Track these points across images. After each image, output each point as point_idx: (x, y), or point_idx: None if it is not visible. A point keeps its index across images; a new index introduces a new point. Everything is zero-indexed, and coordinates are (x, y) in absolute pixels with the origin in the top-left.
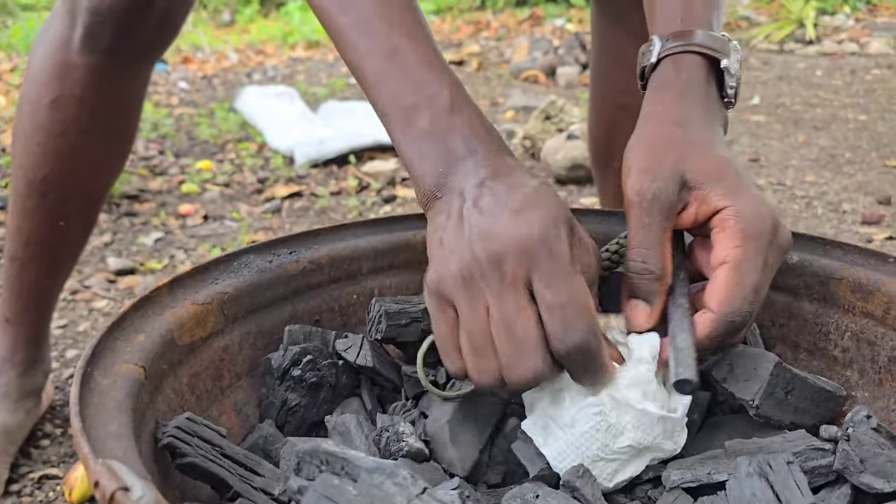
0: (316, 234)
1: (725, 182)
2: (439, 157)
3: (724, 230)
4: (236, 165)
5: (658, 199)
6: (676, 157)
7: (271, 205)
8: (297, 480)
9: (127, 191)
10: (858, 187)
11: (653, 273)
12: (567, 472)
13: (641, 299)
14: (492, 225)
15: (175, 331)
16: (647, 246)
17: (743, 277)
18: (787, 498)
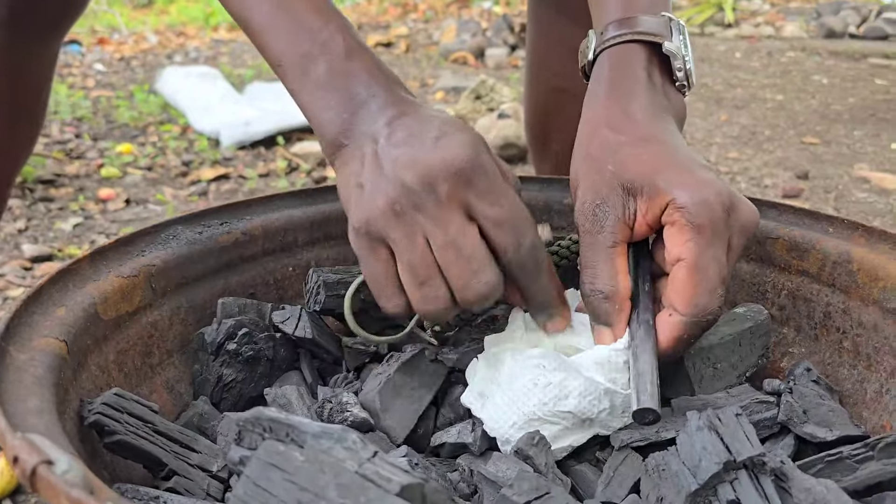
0: (248, 204)
1: (663, 175)
2: (341, 104)
3: (672, 225)
4: (159, 148)
5: (598, 217)
6: (614, 167)
7: (197, 188)
8: (238, 450)
9: (41, 175)
10: (778, 163)
11: (601, 293)
12: (521, 439)
13: (600, 322)
14: (415, 153)
15: (99, 304)
16: (593, 265)
17: (703, 272)
18: (738, 449)
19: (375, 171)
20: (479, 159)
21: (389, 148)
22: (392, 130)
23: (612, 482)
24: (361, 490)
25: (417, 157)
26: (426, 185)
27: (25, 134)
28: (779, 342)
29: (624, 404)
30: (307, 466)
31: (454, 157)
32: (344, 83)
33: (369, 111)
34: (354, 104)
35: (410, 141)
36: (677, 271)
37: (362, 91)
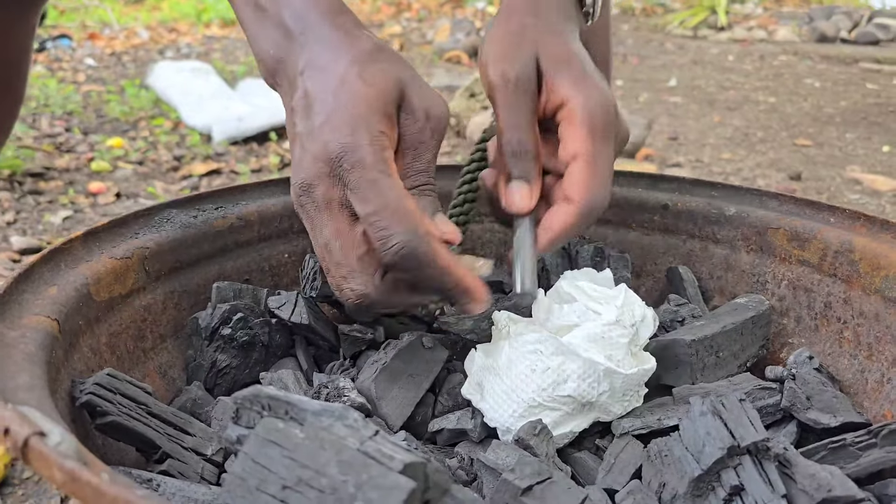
0: (243, 189)
1: (573, 71)
2: (270, 37)
3: (572, 123)
4: (150, 143)
5: (521, 81)
6: (531, 44)
7: (189, 182)
8: (236, 429)
9: (31, 168)
10: (771, 164)
11: (529, 151)
12: (522, 428)
13: (521, 178)
14: (299, 153)
15: (91, 285)
16: (519, 127)
17: (599, 168)
18: (742, 434)
19: (292, 157)
20: (350, 151)
21: (294, 122)
22: (300, 96)
23: (612, 469)
24: (363, 467)
25: (301, 158)
26: (304, 189)
27: (7, 107)
28: (779, 333)
29: (624, 386)
30: (307, 444)
31: (323, 155)
32: (271, 7)
33: (292, 50)
34: (281, 34)
35: (304, 124)
36: (574, 165)
37: (288, 17)
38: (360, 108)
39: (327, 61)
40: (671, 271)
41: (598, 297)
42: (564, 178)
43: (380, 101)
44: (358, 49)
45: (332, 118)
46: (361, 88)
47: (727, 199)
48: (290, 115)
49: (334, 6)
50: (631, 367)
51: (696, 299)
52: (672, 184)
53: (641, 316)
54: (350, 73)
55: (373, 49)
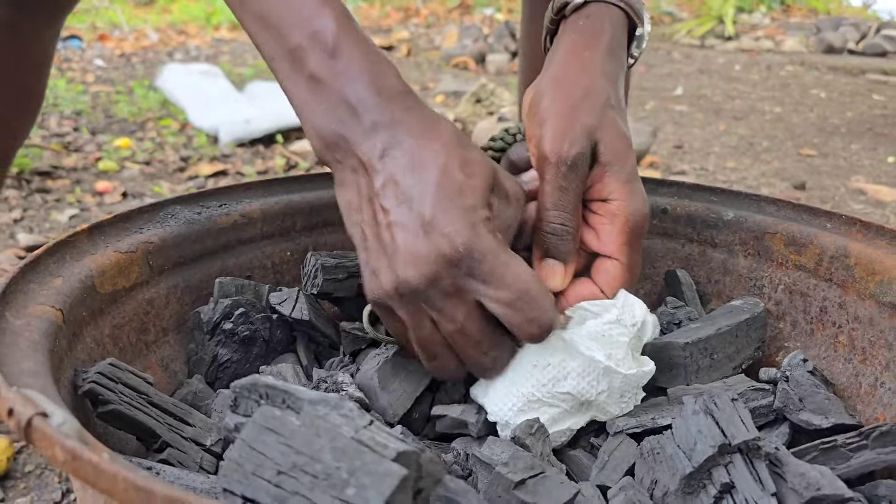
0: (247, 187)
1: (627, 169)
2: (329, 109)
3: (613, 224)
4: (157, 144)
5: (577, 166)
6: (592, 122)
7: (195, 183)
8: (234, 417)
9: (38, 167)
10: (775, 173)
11: (570, 234)
12: (518, 426)
13: (557, 259)
14: (412, 245)
15: (96, 277)
16: (565, 209)
17: (632, 272)
18: (733, 433)
19: (377, 246)
20: (475, 243)
21: (384, 214)
22: (385, 175)
23: (606, 466)
24: (357, 454)
25: (415, 252)
26: (428, 282)
27: (27, 111)
28: (774, 336)
29: (623, 387)
30: (303, 430)
31: (452, 247)
32: (333, 83)
33: (358, 124)
34: (343, 111)
35: (405, 220)
36: (610, 264)
37: (350, 94)
38: (470, 200)
39: (415, 148)
40: (669, 274)
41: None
42: (598, 269)
43: (483, 191)
44: (445, 135)
45: (444, 212)
46: (466, 181)
47: (726, 204)
48: (369, 195)
49: (402, 85)
50: (630, 367)
51: (694, 302)
52: (671, 188)
53: (642, 316)
54: (450, 165)
55: (455, 133)
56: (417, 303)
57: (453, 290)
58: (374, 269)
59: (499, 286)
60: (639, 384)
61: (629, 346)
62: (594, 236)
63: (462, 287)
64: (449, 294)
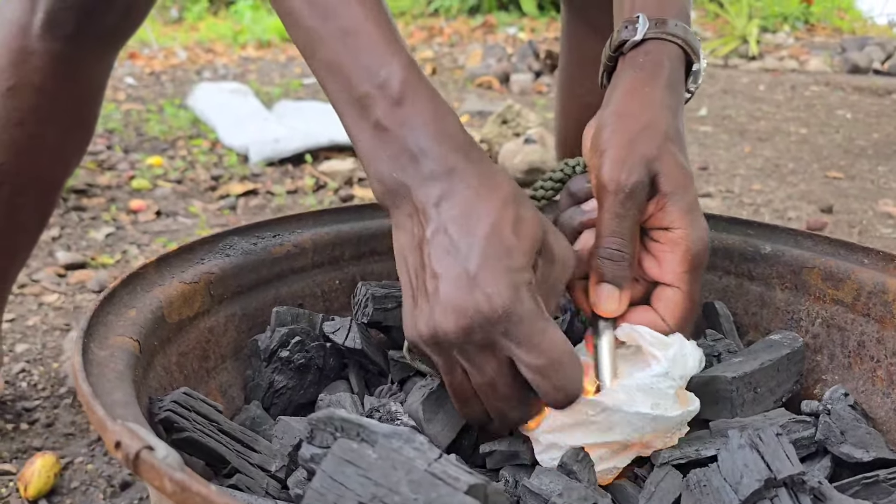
0: (299, 218)
1: (687, 199)
2: (392, 158)
3: (674, 252)
4: (188, 162)
5: (635, 194)
6: (652, 153)
7: (226, 202)
8: (310, 448)
9: (75, 185)
10: (802, 196)
11: (627, 259)
12: (566, 454)
13: (613, 283)
14: (453, 297)
15: (165, 308)
16: (622, 236)
17: (693, 302)
18: (778, 467)
19: (420, 292)
20: (516, 306)
21: (433, 255)
22: (437, 224)
23: (653, 497)
24: (432, 487)
25: (455, 303)
26: (462, 334)
27: (79, 141)
28: (812, 369)
29: (668, 426)
30: (380, 463)
31: (489, 309)
32: (397, 131)
33: (418, 172)
34: (405, 159)
35: (450, 269)
36: (673, 295)
37: (412, 143)
38: (516, 261)
39: (471, 199)
40: (707, 306)
41: (655, 342)
42: (658, 297)
43: (530, 253)
44: (503, 191)
45: (488, 269)
46: (514, 241)
47: (763, 238)
48: (419, 242)
49: (464, 136)
50: (676, 409)
51: (732, 334)
52: (709, 221)
53: (694, 369)
54: (502, 222)
55: (512, 189)
56: (451, 352)
57: (487, 344)
58: (415, 313)
59: (531, 350)
60: (684, 422)
61: (676, 394)
62: (655, 264)
63: (496, 343)
64: (482, 348)
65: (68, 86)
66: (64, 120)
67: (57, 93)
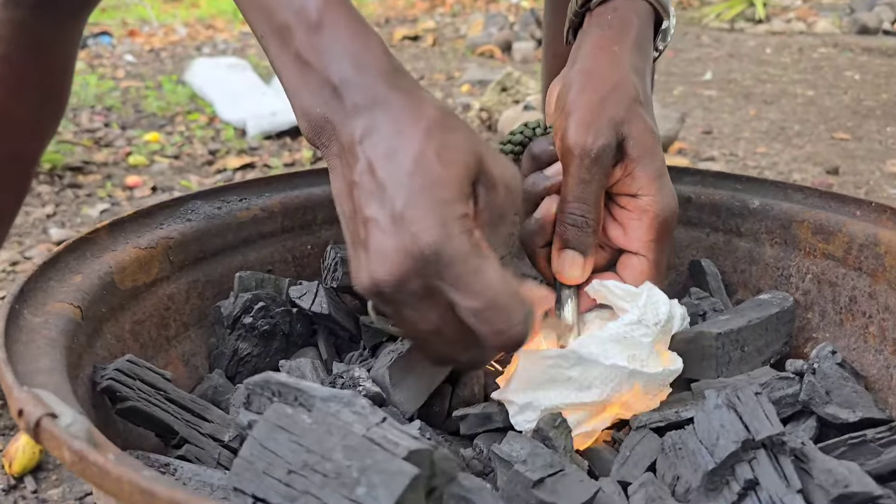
0: (268, 181)
1: (656, 164)
2: (313, 91)
3: (641, 220)
4: (186, 137)
5: (601, 159)
6: (620, 115)
7: (223, 176)
8: (248, 415)
9: (70, 162)
10: (807, 158)
11: (591, 226)
12: (542, 419)
13: (577, 250)
14: (380, 243)
15: (116, 274)
16: (586, 201)
17: (660, 270)
18: (757, 428)
19: (356, 240)
20: (444, 244)
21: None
22: (363, 163)
23: (627, 462)
24: (368, 452)
25: (382, 250)
26: (398, 283)
27: (52, 112)
28: (802, 327)
29: (649, 386)
30: (314, 428)
31: (419, 247)
32: (317, 62)
33: (341, 106)
34: (327, 92)
35: (377, 212)
36: (639, 264)
37: (334, 73)
38: (443, 193)
39: (393, 132)
40: (694, 264)
41: (624, 294)
42: (624, 265)
43: (461, 183)
44: (426, 118)
45: (414, 206)
46: (441, 171)
47: (751, 192)
48: (349, 186)
49: (389, 62)
50: (656, 366)
51: (719, 293)
52: (695, 177)
53: (666, 314)
54: (427, 152)
55: (441, 116)
56: (391, 299)
57: (425, 292)
58: (356, 264)
59: (465, 292)
60: (665, 382)
61: (653, 344)
62: (621, 232)
63: (433, 289)
64: (421, 297)
65: (35, 57)
66: (34, 92)
67: (24, 64)
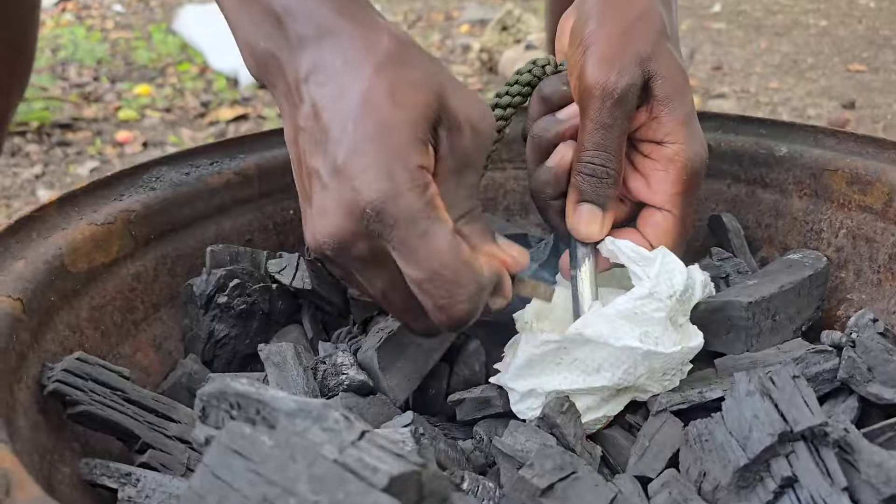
0: (241, 141)
1: (685, 108)
2: (256, 22)
3: (667, 171)
4: (177, 90)
5: (625, 100)
6: (647, 51)
7: (216, 129)
8: (204, 429)
9: (59, 119)
10: (822, 92)
11: (613, 177)
12: (548, 405)
13: (595, 203)
14: (320, 199)
15: (66, 256)
16: (607, 149)
17: (686, 227)
18: (795, 417)
19: (302, 191)
20: (388, 202)
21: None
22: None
23: (647, 453)
24: (340, 483)
25: (325, 208)
26: (339, 245)
27: (19, 70)
28: (835, 288)
29: (665, 365)
30: (276, 454)
31: (358, 204)
32: None
33: (285, 38)
34: (269, 24)
35: (321, 151)
36: (663, 220)
37: (285, 11)
38: (393, 139)
39: (340, 68)
40: (714, 220)
41: (637, 258)
42: (646, 221)
43: (416, 126)
44: (379, 51)
45: (358, 155)
46: (392, 113)
47: (777, 138)
48: (295, 131)
49: None
50: (673, 344)
51: (742, 251)
52: (714, 121)
53: (682, 285)
54: (376, 91)
55: (396, 48)
56: (337, 261)
57: (370, 255)
58: (304, 222)
59: (409, 260)
60: (684, 360)
61: (667, 319)
62: (643, 184)
63: (379, 252)
64: (366, 260)
65: None
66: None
67: None
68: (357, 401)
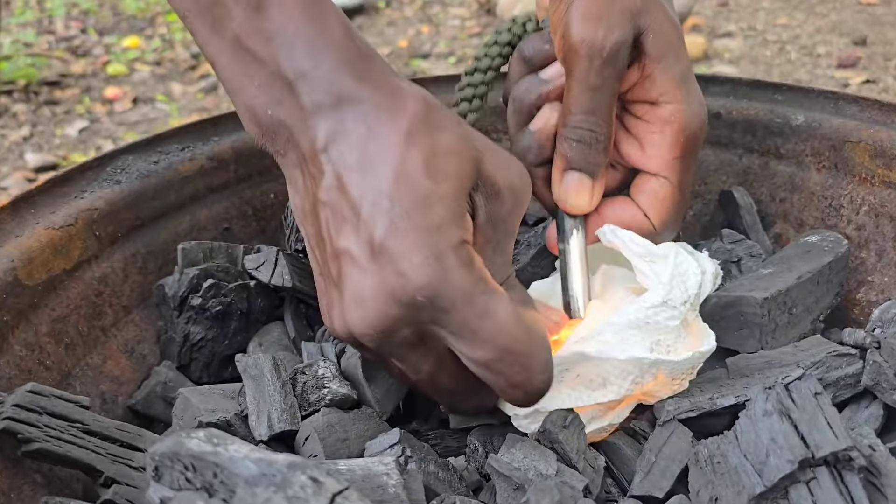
0: (214, 122)
1: (681, 65)
2: (261, 87)
3: (663, 133)
4: (167, 41)
5: (614, 59)
6: (636, 3)
7: (207, 83)
8: (159, 489)
9: (46, 76)
10: (832, 28)
11: (602, 143)
12: (548, 418)
13: (584, 171)
14: (358, 285)
15: (19, 268)
16: (595, 112)
17: (685, 195)
18: (817, 441)
19: (325, 270)
20: (441, 284)
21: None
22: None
23: (653, 469)
24: None
25: (364, 291)
26: (381, 335)
27: None
28: (855, 269)
29: (675, 371)
30: None
31: (407, 291)
32: (262, 50)
33: (298, 105)
34: (279, 88)
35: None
36: (660, 188)
37: (286, 63)
38: (435, 215)
39: (365, 136)
40: (724, 195)
41: (644, 252)
42: (641, 189)
43: (456, 199)
44: (406, 117)
45: (398, 236)
46: (429, 186)
47: (794, 105)
48: (314, 205)
49: (353, 46)
50: (684, 351)
51: (755, 229)
52: (725, 86)
53: (697, 286)
54: (410, 161)
55: (424, 111)
56: (376, 348)
57: (416, 340)
58: (327, 302)
59: (471, 341)
60: (694, 365)
61: (681, 327)
62: (637, 148)
63: (427, 335)
64: (411, 345)
65: None
66: None
67: None
68: (340, 416)
